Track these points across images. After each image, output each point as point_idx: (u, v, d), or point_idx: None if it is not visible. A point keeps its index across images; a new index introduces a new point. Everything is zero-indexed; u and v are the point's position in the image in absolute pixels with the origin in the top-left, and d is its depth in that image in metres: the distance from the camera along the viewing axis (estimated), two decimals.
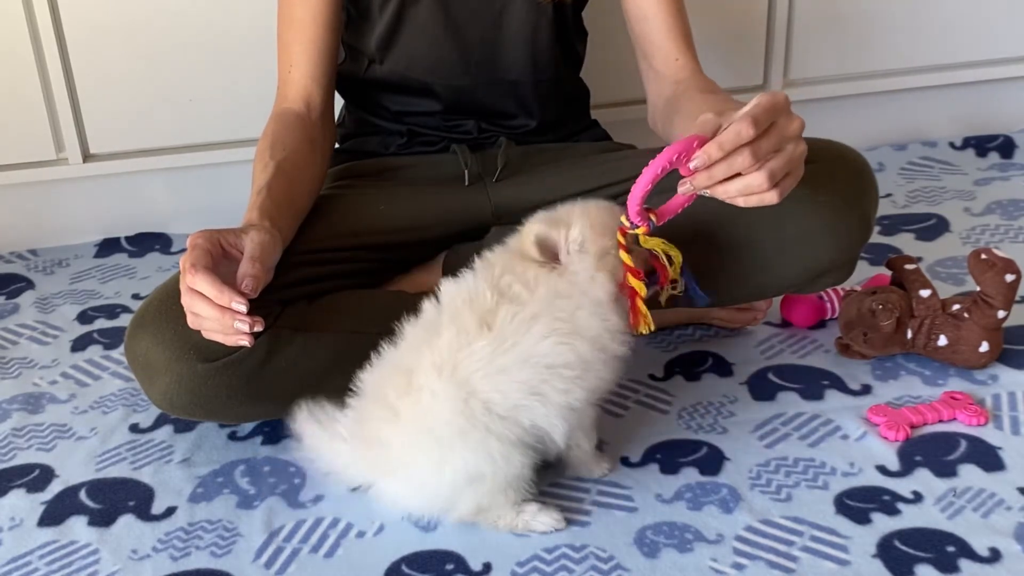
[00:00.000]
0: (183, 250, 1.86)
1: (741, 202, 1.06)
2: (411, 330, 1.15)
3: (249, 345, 1.13)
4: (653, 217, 1.11)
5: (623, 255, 1.13)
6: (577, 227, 1.13)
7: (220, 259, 1.14)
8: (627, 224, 1.12)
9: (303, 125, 1.38)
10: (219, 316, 1.10)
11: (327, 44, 1.40)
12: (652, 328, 1.14)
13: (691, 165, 1.04)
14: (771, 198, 1.06)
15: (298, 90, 1.40)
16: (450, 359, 1.10)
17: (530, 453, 1.13)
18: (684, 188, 1.07)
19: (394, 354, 1.15)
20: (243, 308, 1.09)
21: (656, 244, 1.14)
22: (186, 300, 1.12)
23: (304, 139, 1.36)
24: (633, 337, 1.16)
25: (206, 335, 1.14)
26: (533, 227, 1.13)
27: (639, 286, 1.13)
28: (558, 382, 1.10)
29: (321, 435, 1.16)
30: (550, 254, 1.12)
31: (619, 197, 1.41)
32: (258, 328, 1.11)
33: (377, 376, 1.15)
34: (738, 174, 1.04)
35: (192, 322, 1.14)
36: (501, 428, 1.09)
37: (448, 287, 1.15)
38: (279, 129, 1.36)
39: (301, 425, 1.18)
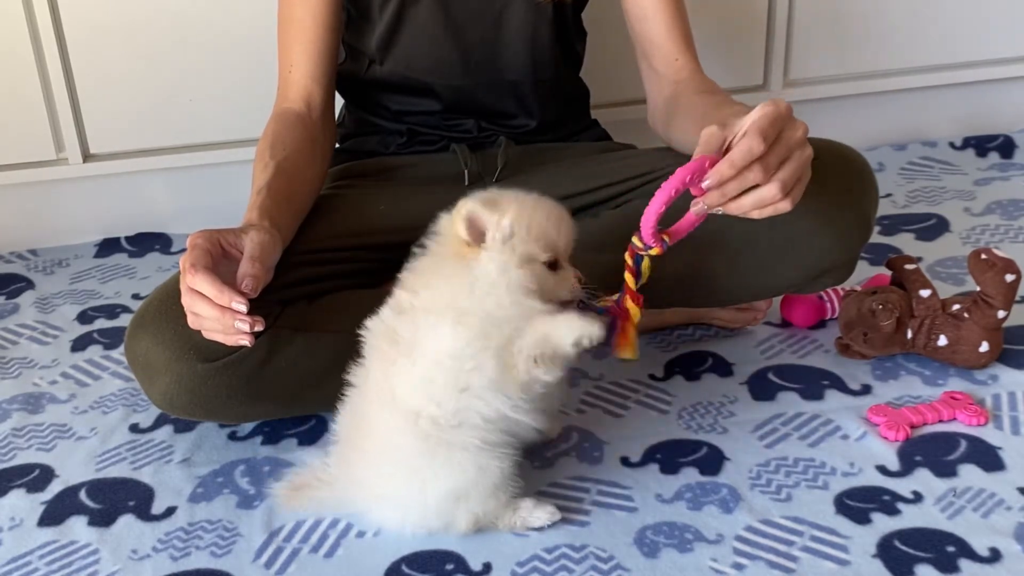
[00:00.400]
0: (183, 250, 1.85)
1: (755, 215, 1.07)
2: (356, 372, 1.15)
3: (249, 345, 1.13)
4: (666, 238, 1.11)
5: (628, 277, 1.13)
6: (509, 218, 1.08)
7: (220, 259, 1.14)
8: (640, 245, 1.12)
9: (303, 125, 1.38)
10: (219, 316, 1.10)
11: (327, 44, 1.41)
12: (636, 356, 1.15)
13: (704, 185, 1.04)
14: (784, 207, 1.07)
15: (298, 90, 1.40)
16: (386, 387, 1.09)
17: (506, 453, 1.11)
18: (697, 208, 1.08)
19: (351, 397, 1.15)
20: (243, 308, 1.09)
21: (645, 270, 1.15)
22: (186, 300, 1.12)
23: (305, 138, 1.36)
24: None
25: (206, 335, 1.14)
26: (467, 203, 1.09)
27: (635, 312, 1.14)
28: (469, 364, 1.06)
29: (305, 494, 1.18)
30: (476, 234, 1.09)
31: (619, 197, 1.42)
32: (258, 328, 1.11)
33: (344, 421, 1.16)
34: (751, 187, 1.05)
35: (192, 322, 1.14)
36: (461, 437, 1.08)
37: (367, 322, 1.14)
38: (279, 129, 1.36)
39: (284, 498, 1.19)
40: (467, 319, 1.06)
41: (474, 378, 1.07)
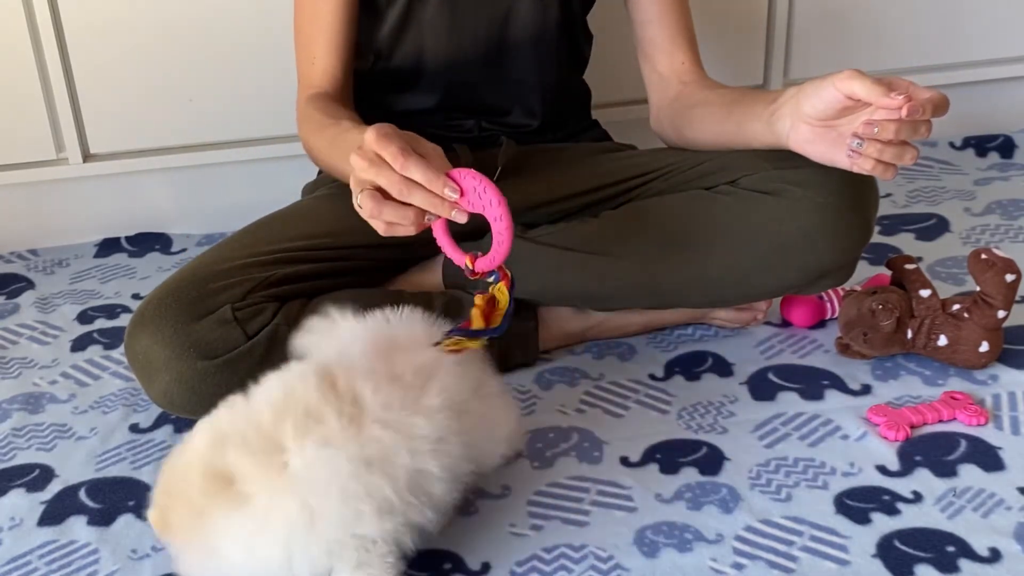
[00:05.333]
0: (183, 250, 1.87)
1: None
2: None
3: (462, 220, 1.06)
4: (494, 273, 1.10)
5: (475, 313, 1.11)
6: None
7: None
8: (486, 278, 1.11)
9: (336, 102, 1.37)
10: (433, 202, 1.05)
11: (349, 39, 1.40)
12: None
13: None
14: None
15: (323, 80, 1.39)
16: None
17: None
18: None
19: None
20: (455, 196, 1.04)
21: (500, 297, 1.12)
22: (399, 188, 1.04)
23: (344, 108, 1.35)
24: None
25: (390, 230, 1.08)
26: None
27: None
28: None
29: None
30: None
31: (619, 197, 1.43)
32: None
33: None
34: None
35: (395, 217, 1.06)
36: None
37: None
38: (319, 104, 1.34)
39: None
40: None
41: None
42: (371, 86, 1.49)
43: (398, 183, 1.04)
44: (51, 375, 1.51)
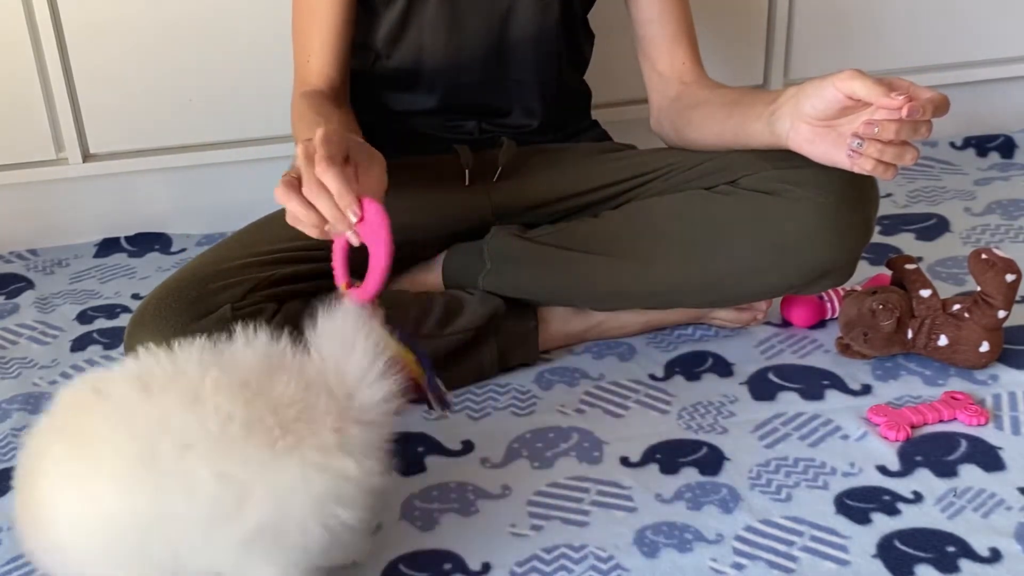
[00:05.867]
0: (183, 250, 1.87)
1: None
2: None
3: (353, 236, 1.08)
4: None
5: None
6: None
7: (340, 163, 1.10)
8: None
9: (330, 100, 1.37)
10: (334, 215, 1.07)
11: (346, 36, 1.40)
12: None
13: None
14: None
15: (319, 77, 1.39)
16: None
17: None
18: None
19: None
20: (355, 219, 1.06)
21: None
22: (309, 189, 1.07)
23: (337, 107, 1.35)
24: None
25: (297, 225, 1.10)
26: None
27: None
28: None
29: None
30: None
31: (619, 197, 1.43)
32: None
33: None
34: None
35: (298, 212, 1.09)
36: None
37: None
38: (312, 100, 1.34)
39: None
40: None
41: None
42: (371, 86, 1.49)
43: (311, 183, 1.06)
44: (51, 375, 1.51)
